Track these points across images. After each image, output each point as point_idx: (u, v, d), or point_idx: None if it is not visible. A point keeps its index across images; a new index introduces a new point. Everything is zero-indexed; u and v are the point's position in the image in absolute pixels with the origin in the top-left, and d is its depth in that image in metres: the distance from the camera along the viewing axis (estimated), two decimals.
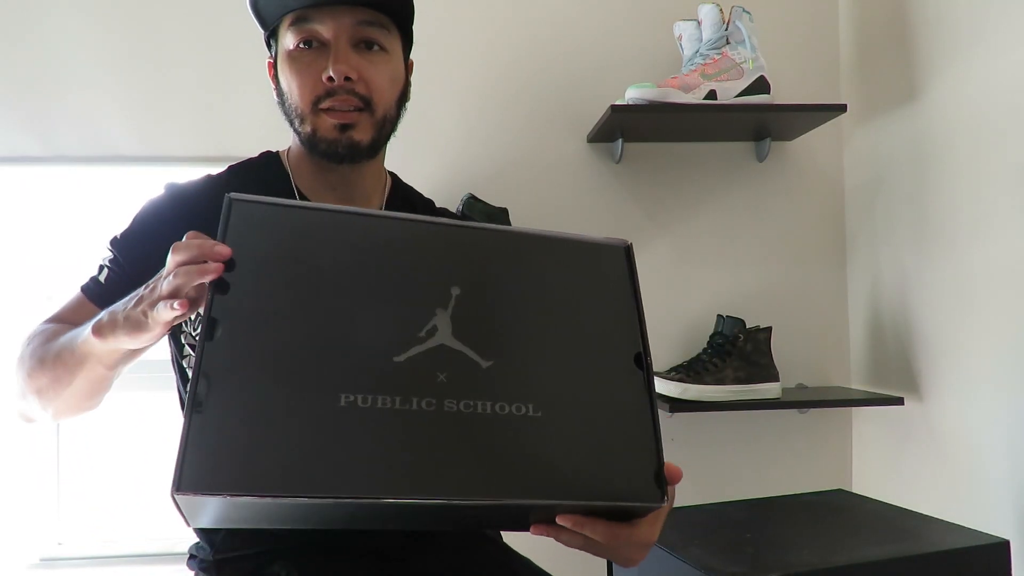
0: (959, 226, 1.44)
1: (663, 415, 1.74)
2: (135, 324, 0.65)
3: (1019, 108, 1.29)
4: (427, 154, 1.75)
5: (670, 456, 0.69)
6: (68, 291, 0.94)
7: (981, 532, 1.12)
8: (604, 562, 1.32)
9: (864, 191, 1.77)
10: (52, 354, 0.80)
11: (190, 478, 0.56)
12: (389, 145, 0.98)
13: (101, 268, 0.92)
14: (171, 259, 0.62)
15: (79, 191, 1.77)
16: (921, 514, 1.23)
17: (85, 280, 0.93)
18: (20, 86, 1.67)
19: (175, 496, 0.56)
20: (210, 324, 0.61)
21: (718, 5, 1.61)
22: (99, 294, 0.90)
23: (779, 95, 1.71)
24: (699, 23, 1.64)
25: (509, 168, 1.77)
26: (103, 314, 0.69)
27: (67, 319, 0.89)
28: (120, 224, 0.94)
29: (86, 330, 0.71)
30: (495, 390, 0.65)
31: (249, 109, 1.66)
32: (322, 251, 0.66)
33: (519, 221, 1.72)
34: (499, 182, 1.76)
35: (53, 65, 1.68)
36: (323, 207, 0.69)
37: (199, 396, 0.58)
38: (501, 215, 1.64)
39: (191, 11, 1.71)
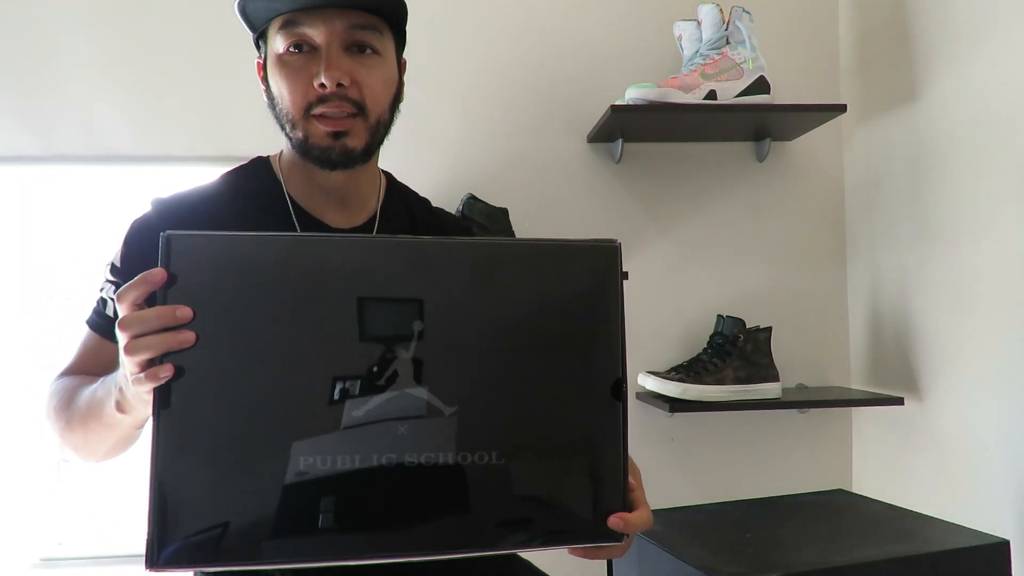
0: (959, 226, 1.44)
1: (663, 415, 1.74)
2: (143, 404, 0.63)
3: (1019, 108, 1.29)
4: (427, 154, 1.75)
5: (670, 456, 0.70)
6: (76, 333, 0.92)
7: (981, 532, 1.12)
8: (604, 563, 1.32)
9: (864, 191, 1.77)
10: (78, 419, 0.79)
11: (160, 554, 0.57)
12: (388, 146, 0.97)
13: (105, 302, 0.89)
14: (122, 335, 0.60)
15: (78, 191, 1.77)
16: (921, 514, 1.23)
17: (89, 316, 0.91)
18: (20, 86, 1.67)
19: (149, 570, 0.57)
20: (164, 388, 0.59)
21: (718, 5, 1.61)
22: (112, 328, 0.88)
23: (779, 95, 1.71)
24: (699, 23, 1.64)
25: (509, 168, 1.77)
26: (115, 390, 0.69)
27: (85, 367, 0.88)
28: (111, 249, 0.90)
29: (109, 404, 0.70)
30: (457, 439, 0.62)
31: (249, 109, 1.66)
32: (274, 287, 0.61)
33: (519, 221, 1.72)
34: (499, 182, 1.76)
35: (53, 65, 1.68)
36: (269, 236, 0.62)
37: (161, 468, 0.58)
38: (501, 215, 1.64)
39: (191, 11, 1.71)
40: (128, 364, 0.60)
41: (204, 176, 0.96)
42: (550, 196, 1.77)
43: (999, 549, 1.08)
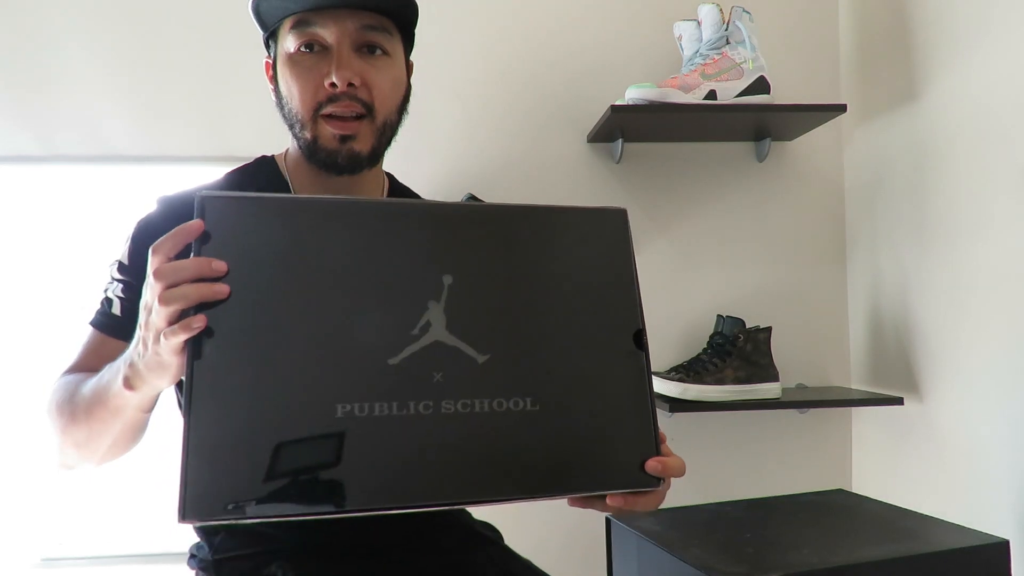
0: (959, 226, 1.44)
1: (663, 416, 1.74)
2: (160, 368, 0.62)
3: (1019, 108, 1.29)
4: (427, 154, 1.75)
5: None
6: (79, 333, 0.90)
7: (981, 532, 1.12)
8: (604, 562, 1.32)
9: (864, 191, 1.77)
10: (83, 409, 0.77)
11: (194, 505, 0.56)
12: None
13: (111, 301, 0.88)
14: (156, 284, 0.59)
15: (79, 191, 1.77)
16: (921, 514, 1.23)
17: (94, 316, 0.90)
18: (20, 86, 1.67)
19: (182, 522, 0.56)
20: (197, 340, 0.59)
21: (718, 5, 1.61)
22: (119, 326, 0.86)
23: (779, 95, 1.71)
24: (699, 23, 1.64)
25: (509, 168, 1.77)
26: (124, 367, 0.68)
27: (89, 366, 0.86)
28: (117, 248, 0.90)
29: (116, 383, 0.69)
30: (492, 386, 0.64)
31: (249, 109, 1.66)
32: (306, 246, 0.63)
33: None
34: (499, 182, 1.76)
35: (53, 65, 1.68)
36: (299, 198, 0.65)
37: (194, 417, 0.57)
38: None
39: (191, 11, 1.71)
40: (160, 316, 0.59)
41: (204, 176, 0.96)
42: (550, 196, 1.77)
43: (999, 549, 1.08)
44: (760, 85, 1.61)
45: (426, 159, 1.74)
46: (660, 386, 1.59)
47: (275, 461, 0.58)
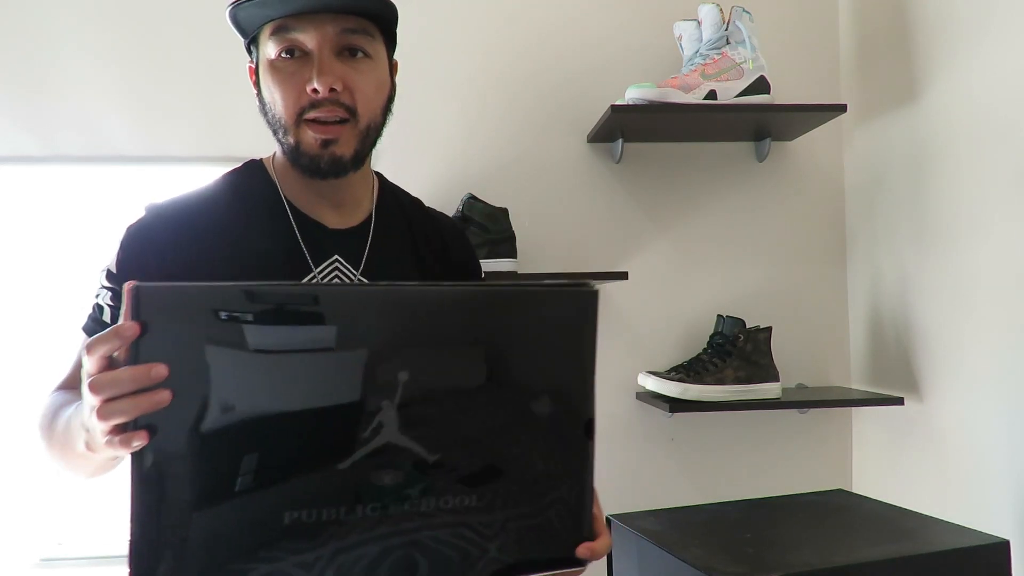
0: (959, 226, 1.44)
1: (663, 415, 1.74)
2: (112, 448, 0.59)
3: (1019, 108, 1.29)
4: (427, 154, 1.75)
5: (670, 456, 0.70)
6: (73, 338, 0.89)
7: (981, 532, 1.12)
8: (604, 562, 1.32)
9: (864, 191, 1.77)
10: (57, 444, 0.76)
11: None
12: (389, 146, 0.96)
13: (101, 308, 0.87)
14: (92, 397, 0.56)
15: (79, 191, 1.77)
16: (921, 514, 1.23)
17: (85, 322, 0.89)
18: (20, 86, 1.67)
19: None
20: (139, 452, 0.56)
21: (718, 5, 1.61)
22: None
23: (779, 95, 1.71)
24: (699, 23, 1.64)
25: (509, 168, 1.77)
26: (82, 431, 0.65)
27: (79, 381, 0.86)
28: (107, 255, 0.89)
29: (79, 442, 0.66)
30: (439, 485, 0.64)
31: (249, 109, 1.65)
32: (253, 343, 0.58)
33: (519, 221, 1.72)
34: (499, 182, 1.76)
35: (53, 65, 1.68)
36: (246, 287, 0.58)
37: (138, 520, 0.56)
38: (501, 215, 1.64)
39: (191, 11, 1.71)
40: (99, 430, 0.57)
41: (204, 176, 0.96)
42: (550, 196, 1.77)
43: (999, 549, 1.08)
44: (760, 85, 1.61)
45: (426, 159, 1.74)
46: (660, 386, 1.59)
47: (220, 567, 0.57)
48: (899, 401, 1.59)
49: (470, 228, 1.60)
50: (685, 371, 1.61)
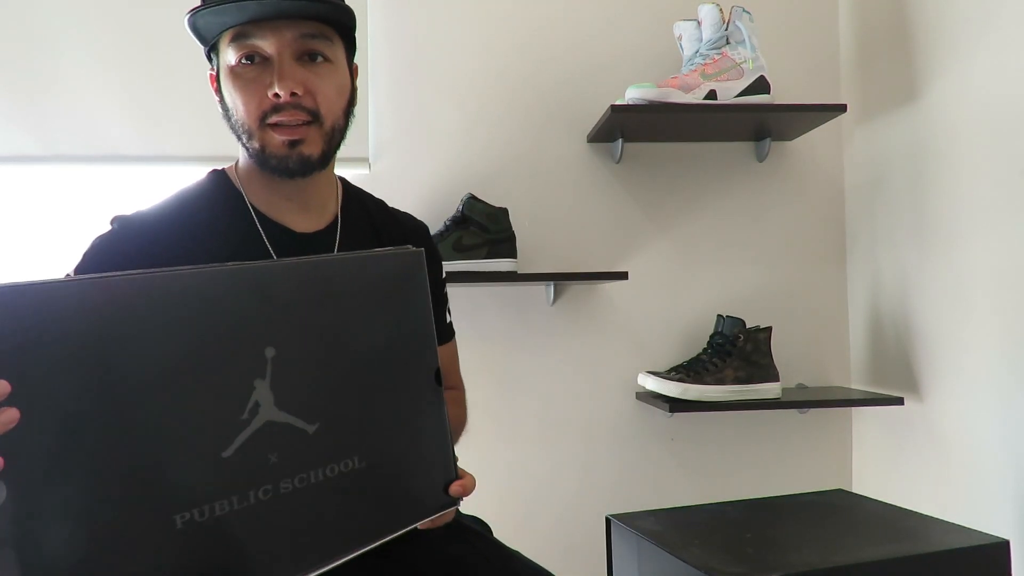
0: (959, 226, 1.44)
1: (663, 415, 1.74)
2: None
3: (1019, 108, 1.29)
4: (427, 154, 1.75)
5: (670, 456, 0.70)
6: None
7: (981, 532, 1.12)
8: (603, 555, 1.32)
9: (864, 191, 1.77)
10: None
11: None
12: (389, 145, 0.97)
13: None
14: None
15: (79, 191, 1.77)
16: (921, 514, 1.23)
17: None
18: (20, 86, 1.67)
19: None
20: None
21: (718, 5, 1.61)
22: None
23: (779, 95, 1.71)
24: (699, 23, 1.64)
25: (509, 168, 1.77)
26: None
27: None
28: (71, 266, 0.88)
29: None
30: (324, 453, 0.65)
31: None
32: (108, 339, 0.53)
33: (519, 221, 1.72)
34: (499, 182, 1.76)
35: (53, 65, 1.68)
36: (92, 280, 0.53)
37: (18, 556, 0.49)
38: (501, 215, 1.64)
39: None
40: None
41: (205, 175, 0.97)
42: (550, 196, 1.77)
43: (999, 549, 1.08)
44: (760, 85, 1.61)
45: (426, 159, 1.74)
46: (660, 386, 1.59)
47: None
48: (899, 401, 1.59)
49: (470, 228, 1.60)
50: (685, 371, 1.62)
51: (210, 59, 0.94)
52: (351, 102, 0.95)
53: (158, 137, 1.69)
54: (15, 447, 0.49)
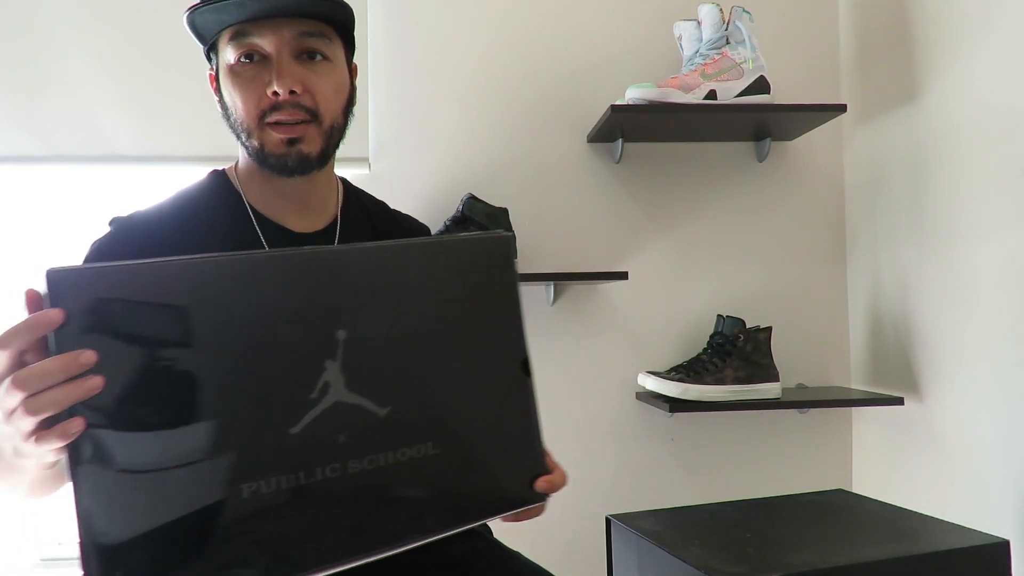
0: (959, 226, 1.44)
1: (663, 415, 1.74)
2: (42, 456, 0.56)
3: (1020, 108, 1.29)
4: (427, 154, 1.75)
5: (670, 456, 0.70)
6: None
7: (981, 532, 1.12)
8: (603, 555, 1.32)
9: (864, 191, 1.77)
10: None
11: None
12: (389, 145, 0.97)
13: None
14: (18, 392, 0.52)
15: (79, 191, 1.77)
16: (921, 514, 1.23)
17: None
18: (20, 86, 1.67)
19: None
20: (76, 443, 0.53)
21: (718, 5, 1.61)
22: None
23: (779, 95, 1.71)
24: (699, 23, 1.64)
25: (509, 168, 1.77)
26: (6, 440, 0.60)
27: None
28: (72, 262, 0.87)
29: (7, 450, 0.61)
30: (394, 437, 0.64)
31: None
32: (184, 317, 0.56)
33: (519, 221, 1.72)
34: (499, 182, 1.76)
35: (53, 65, 1.68)
36: (166, 262, 0.57)
37: (84, 518, 0.53)
38: (501, 215, 1.64)
39: None
40: (27, 424, 0.53)
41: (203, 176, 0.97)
42: (550, 196, 1.77)
43: (999, 549, 1.08)
44: (760, 85, 1.61)
45: (426, 159, 1.74)
46: (660, 386, 1.59)
47: (183, 553, 0.55)
48: (899, 401, 1.59)
49: (470, 228, 1.60)
50: (685, 371, 1.62)
51: (209, 58, 0.94)
52: (350, 101, 0.95)
53: (158, 137, 1.69)
54: (96, 413, 0.53)
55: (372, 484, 0.63)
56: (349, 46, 0.96)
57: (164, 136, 1.69)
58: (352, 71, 0.97)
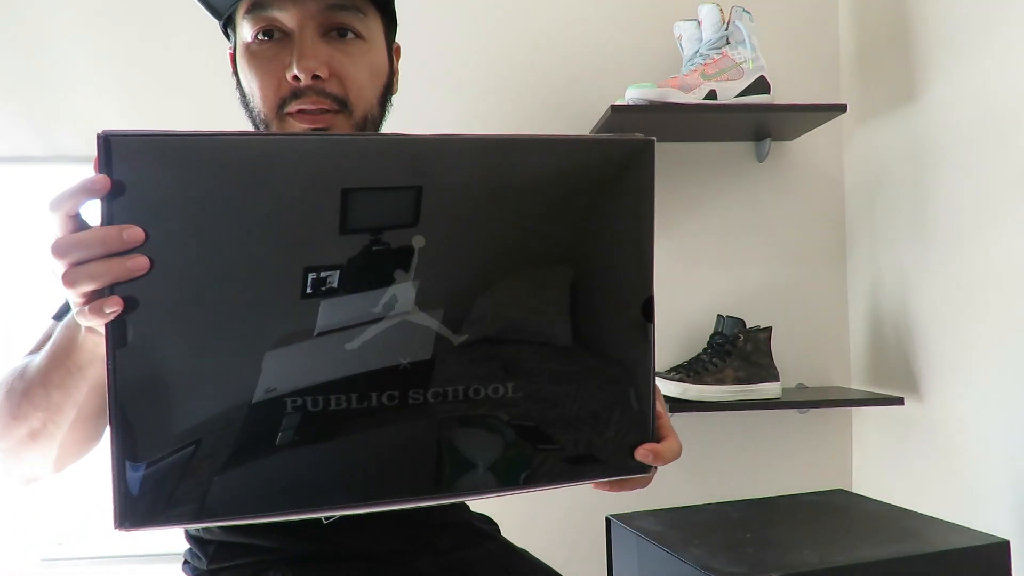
0: (959, 226, 1.44)
1: None
2: (84, 319, 0.51)
3: (1020, 108, 1.29)
4: None
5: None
6: (39, 326, 0.80)
7: (981, 532, 1.12)
8: (603, 555, 1.32)
9: (864, 191, 1.77)
10: (39, 381, 0.63)
11: (131, 510, 0.49)
12: None
13: None
14: (57, 260, 0.49)
15: None
16: (921, 514, 1.23)
17: (57, 310, 0.81)
18: (20, 86, 1.67)
19: (119, 529, 0.49)
20: (117, 322, 0.48)
21: (718, 5, 1.61)
22: None
23: (779, 95, 1.71)
24: (699, 23, 1.64)
25: None
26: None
27: None
28: None
29: (79, 332, 0.58)
30: (469, 371, 0.54)
31: None
32: (246, 201, 0.50)
33: None
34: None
35: (53, 65, 1.68)
36: (234, 136, 0.50)
37: (120, 411, 0.48)
38: None
39: (192, 11, 1.70)
40: (69, 295, 0.50)
41: None
42: None
43: (999, 549, 1.08)
44: (760, 85, 1.61)
45: None
46: (660, 386, 1.58)
47: (218, 461, 0.50)
48: (899, 401, 1.59)
49: None
50: (685, 371, 1.62)
51: (227, 34, 0.83)
52: (388, 88, 0.83)
53: None
54: (140, 294, 0.48)
55: (432, 421, 0.54)
56: (390, 23, 0.84)
57: None
58: (394, 53, 0.86)
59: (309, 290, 0.51)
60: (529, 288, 0.56)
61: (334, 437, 0.52)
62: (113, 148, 0.47)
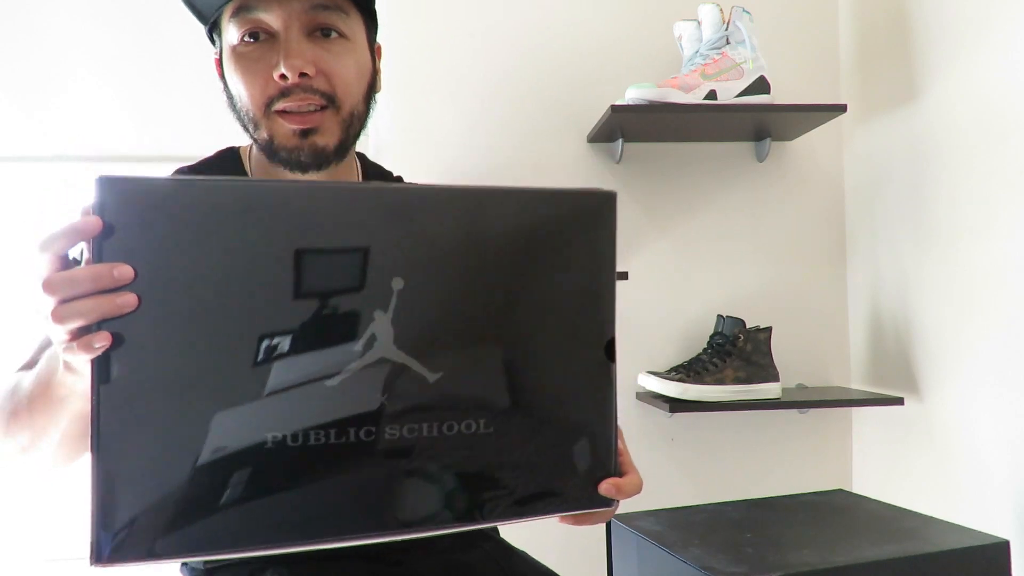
0: (959, 226, 1.44)
1: (663, 415, 1.74)
2: (71, 355, 0.53)
3: (1020, 108, 1.29)
4: (427, 155, 1.75)
5: (670, 456, 0.69)
6: (33, 337, 0.80)
7: (981, 532, 1.12)
8: (603, 555, 1.32)
9: (864, 191, 1.77)
10: (24, 403, 0.65)
11: (107, 547, 0.50)
12: (389, 146, 0.94)
13: None
14: (47, 297, 0.50)
15: (79, 191, 1.77)
16: (921, 514, 1.23)
17: None
18: (20, 85, 1.67)
19: (95, 566, 0.50)
20: (103, 358, 0.50)
21: (718, 5, 1.61)
22: None
23: (779, 95, 1.71)
24: (699, 23, 1.64)
25: (509, 168, 1.77)
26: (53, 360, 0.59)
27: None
28: (75, 250, 0.83)
29: (58, 368, 0.59)
30: (442, 408, 0.57)
31: None
32: (232, 243, 0.52)
33: None
34: (499, 182, 1.75)
35: (53, 65, 1.68)
36: (223, 182, 0.54)
37: (103, 447, 0.50)
38: None
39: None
40: (56, 334, 0.51)
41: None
42: None
43: (999, 549, 1.08)
44: (760, 85, 1.61)
45: (425, 159, 1.74)
46: (660, 386, 1.59)
47: (198, 496, 0.52)
48: (899, 401, 1.59)
49: None
50: (685, 371, 1.62)
51: (212, 40, 0.85)
52: (372, 86, 0.85)
53: (158, 137, 1.69)
54: (126, 331, 0.50)
55: (408, 456, 0.56)
56: (371, 23, 0.86)
57: (164, 136, 1.69)
58: (376, 53, 0.87)
59: (294, 328, 0.53)
60: (499, 330, 0.60)
61: (313, 471, 0.54)
62: (106, 190, 0.50)
